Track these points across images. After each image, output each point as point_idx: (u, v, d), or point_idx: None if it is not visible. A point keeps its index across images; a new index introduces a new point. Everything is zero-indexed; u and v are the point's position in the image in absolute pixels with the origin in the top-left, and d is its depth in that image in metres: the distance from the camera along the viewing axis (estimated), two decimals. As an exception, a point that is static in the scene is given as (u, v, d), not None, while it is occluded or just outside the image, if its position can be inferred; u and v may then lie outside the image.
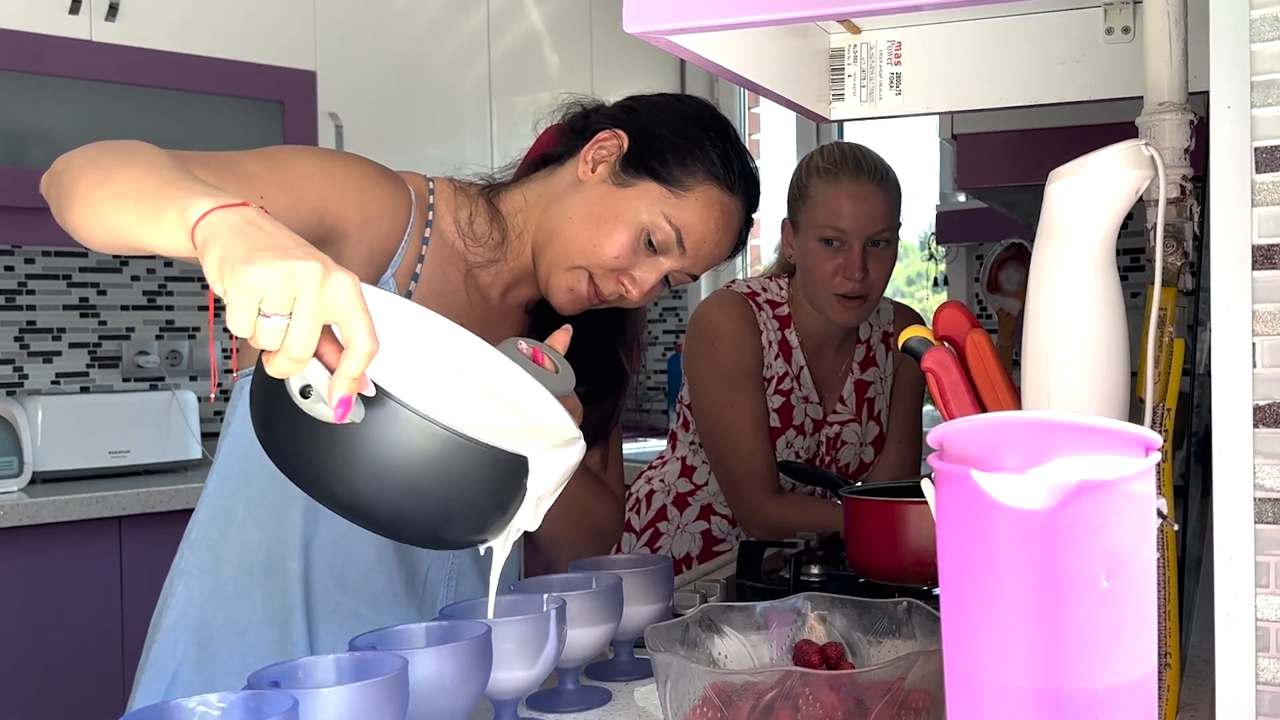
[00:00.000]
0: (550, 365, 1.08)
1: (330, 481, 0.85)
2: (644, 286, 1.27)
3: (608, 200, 1.26)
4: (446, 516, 0.87)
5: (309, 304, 0.78)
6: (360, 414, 0.81)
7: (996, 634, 0.62)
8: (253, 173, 1.14)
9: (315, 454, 0.84)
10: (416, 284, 1.27)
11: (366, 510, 0.86)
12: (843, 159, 1.97)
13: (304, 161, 1.19)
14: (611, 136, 1.28)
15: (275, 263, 0.78)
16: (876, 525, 1.43)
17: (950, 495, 0.64)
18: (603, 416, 1.37)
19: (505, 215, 1.31)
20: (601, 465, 1.43)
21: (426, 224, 1.29)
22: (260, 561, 1.25)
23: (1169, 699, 0.88)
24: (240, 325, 0.78)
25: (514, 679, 0.96)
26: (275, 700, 0.76)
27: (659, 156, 1.26)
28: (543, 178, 1.32)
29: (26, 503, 2.43)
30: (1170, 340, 0.88)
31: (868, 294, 1.95)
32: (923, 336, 0.94)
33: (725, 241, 1.31)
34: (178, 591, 1.28)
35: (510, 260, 1.32)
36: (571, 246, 1.26)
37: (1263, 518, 0.76)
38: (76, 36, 2.66)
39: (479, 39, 3.40)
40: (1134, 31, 1.21)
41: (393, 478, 0.83)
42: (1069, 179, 0.82)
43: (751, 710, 0.86)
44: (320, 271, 0.78)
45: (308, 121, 2.97)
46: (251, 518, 1.26)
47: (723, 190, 1.28)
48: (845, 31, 1.35)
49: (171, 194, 0.88)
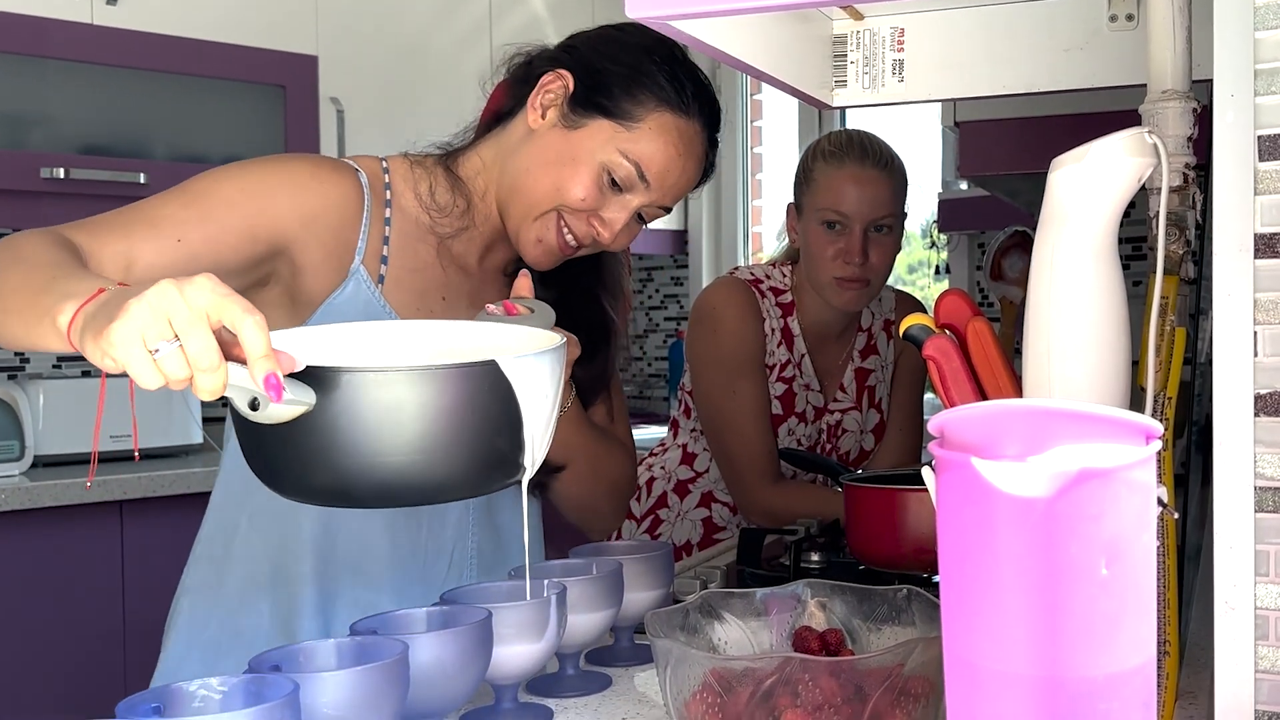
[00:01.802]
0: (523, 309, 1.07)
1: (324, 477, 0.83)
2: (614, 226, 1.24)
3: (562, 145, 1.23)
4: (454, 456, 0.84)
5: (182, 315, 0.77)
6: (310, 397, 0.79)
7: (996, 621, 0.62)
8: (165, 216, 1.13)
9: (298, 459, 0.82)
10: (387, 266, 1.25)
11: (362, 489, 0.83)
12: (849, 143, 1.97)
13: (222, 187, 1.17)
14: (555, 79, 1.24)
15: (131, 306, 0.77)
16: (877, 512, 1.43)
17: (950, 482, 0.64)
18: (598, 370, 1.36)
19: (465, 180, 1.29)
20: (608, 419, 1.42)
21: (386, 204, 1.27)
22: (266, 571, 1.25)
23: (1168, 687, 0.88)
24: (145, 376, 0.77)
25: (515, 664, 0.96)
26: (276, 684, 0.77)
27: (605, 91, 1.23)
28: (496, 135, 1.30)
29: (28, 486, 2.44)
30: (1172, 329, 0.88)
31: (868, 279, 1.95)
32: (924, 324, 0.94)
33: (690, 168, 1.26)
34: (183, 609, 1.28)
35: (480, 225, 1.30)
36: (535, 196, 1.24)
37: (1263, 506, 0.76)
38: (77, 19, 2.65)
39: (481, 23, 3.39)
40: (1138, 19, 1.21)
41: (382, 443, 0.81)
42: (1071, 167, 0.82)
43: (751, 696, 0.86)
44: (172, 286, 0.77)
45: (309, 106, 2.97)
46: (255, 529, 1.25)
47: (677, 115, 1.23)
48: (848, 17, 1.34)
49: (44, 303, 0.88)
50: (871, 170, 1.94)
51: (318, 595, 1.25)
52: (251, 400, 0.79)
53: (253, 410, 0.79)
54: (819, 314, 2.04)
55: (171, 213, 1.13)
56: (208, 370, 0.77)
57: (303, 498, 0.87)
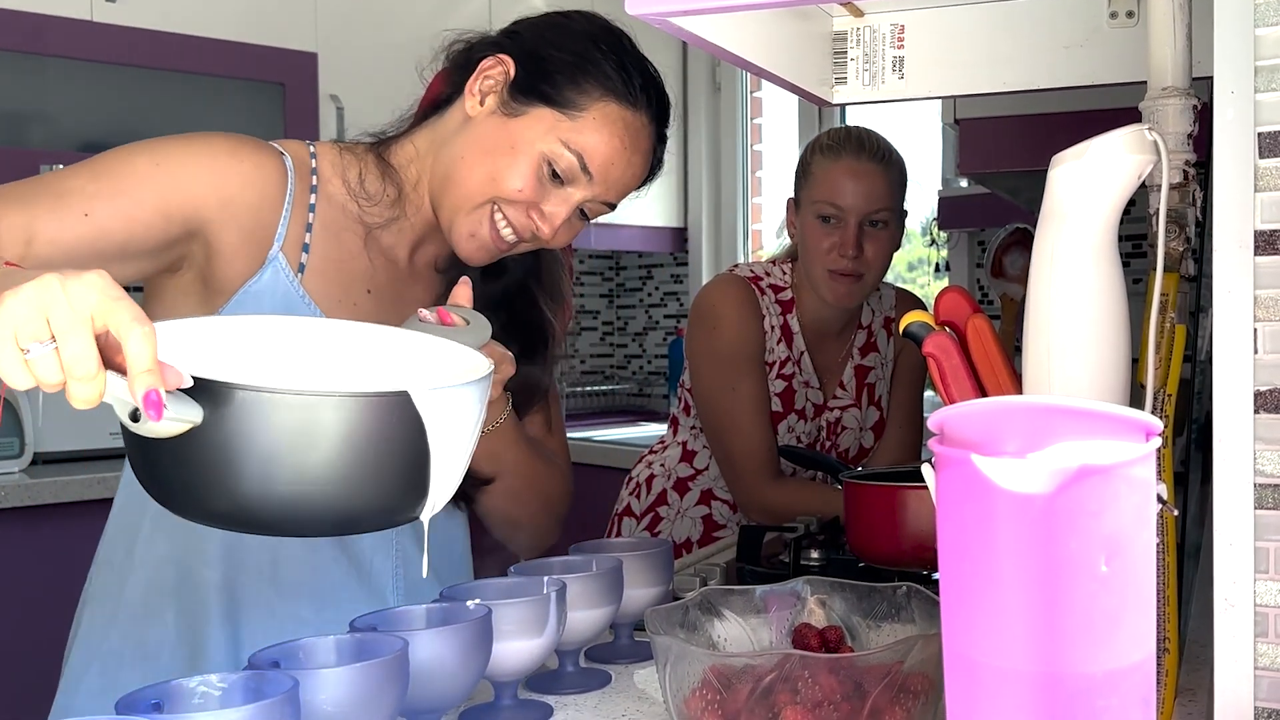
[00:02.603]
0: (459, 320, 1.00)
1: (211, 498, 0.76)
2: (555, 221, 1.18)
3: (500, 132, 1.17)
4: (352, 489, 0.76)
5: (62, 315, 0.70)
6: (195, 414, 0.73)
7: (996, 618, 0.62)
8: (72, 189, 1.06)
9: (183, 475, 0.75)
10: (308, 255, 1.18)
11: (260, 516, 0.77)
12: (846, 137, 1.98)
13: (136, 161, 1.10)
14: (496, 64, 1.19)
15: (7, 298, 0.70)
16: (876, 510, 1.43)
17: (950, 479, 0.64)
18: (534, 374, 1.29)
19: (398, 168, 1.23)
20: (545, 430, 1.36)
21: (311, 190, 1.20)
22: (170, 576, 1.17)
23: (1167, 684, 0.88)
24: (14, 376, 0.71)
25: (514, 660, 0.96)
26: (275, 681, 0.77)
27: (548, 78, 1.17)
28: (432, 122, 1.24)
29: (28, 483, 2.44)
30: (1172, 326, 0.88)
31: (861, 273, 1.95)
32: (924, 321, 0.94)
33: (636, 161, 1.20)
34: (84, 619, 1.21)
35: (411, 215, 1.23)
36: (470, 187, 1.17)
37: (1263, 503, 0.76)
38: (77, 17, 2.65)
39: (480, 21, 3.38)
40: (1138, 16, 1.21)
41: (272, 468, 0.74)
42: (1071, 164, 0.82)
43: (750, 693, 0.86)
44: (57, 280, 0.71)
45: (309, 103, 2.97)
46: (159, 530, 1.18)
47: (623, 106, 1.18)
48: (848, 14, 1.34)
49: None
50: (867, 163, 1.94)
51: (227, 602, 1.17)
52: (133, 411, 0.73)
53: (133, 421, 0.73)
54: (818, 311, 2.03)
55: (80, 185, 1.06)
56: (83, 379, 0.70)
57: (197, 519, 0.80)
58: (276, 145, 1.20)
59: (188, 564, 1.17)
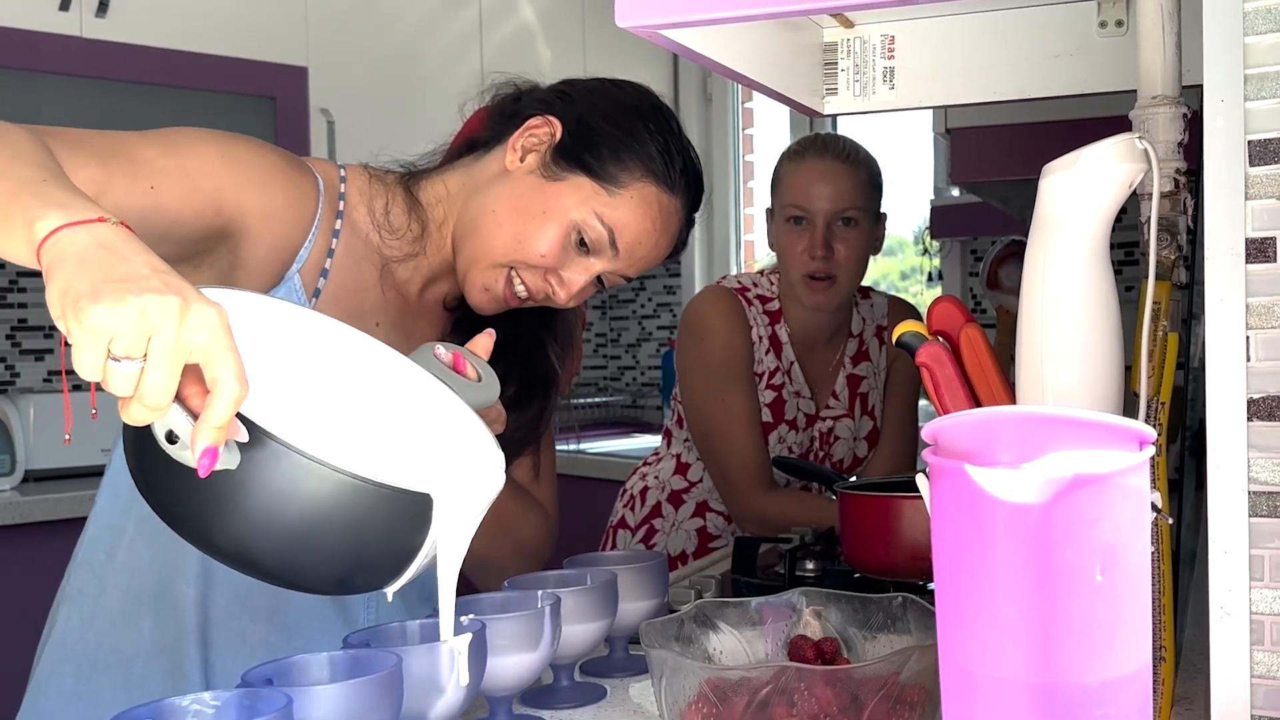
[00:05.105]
0: (473, 373, 0.98)
1: (211, 531, 0.76)
2: (572, 288, 1.18)
3: (536, 194, 1.16)
4: (344, 563, 0.79)
5: (165, 345, 0.69)
6: (234, 461, 0.72)
7: (991, 628, 0.62)
8: (145, 158, 1.03)
9: (193, 502, 0.75)
10: (326, 280, 1.16)
11: (254, 560, 0.77)
12: (811, 141, 2.01)
13: (204, 146, 1.08)
14: (543, 124, 1.18)
15: (125, 298, 0.68)
16: (871, 520, 1.43)
17: (945, 490, 0.64)
18: (530, 422, 1.27)
19: (425, 205, 1.21)
20: (532, 477, 1.33)
21: (337, 215, 1.18)
22: (150, 585, 1.15)
23: (1164, 692, 0.88)
24: (88, 368, 0.69)
25: (509, 675, 0.96)
26: (269, 698, 0.76)
27: (593, 149, 1.16)
28: (467, 165, 1.22)
29: (19, 501, 2.43)
30: (1164, 334, 0.88)
31: (834, 274, 1.95)
32: (917, 331, 0.94)
33: (663, 243, 1.21)
34: (59, 619, 1.18)
35: (430, 254, 1.22)
36: (494, 242, 1.16)
37: (1257, 511, 0.76)
38: (67, 33, 2.65)
39: (471, 34, 3.39)
40: (1127, 25, 1.21)
41: (279, 525, 0.75)
42: (1062, 173, 0.82)
43: (747, 706, 0.86)
44: (178, 306, 0.69)
45: (299, 117, 2.97)
46: (141, 536, 1.16)
47: (661, 189, 1.18)
48: (838, 25, 1.35)
49: (22, 202, 0.77)
50: (831, 163, 1.95)
51: (201, 621, 1.15)
52: (169, 433, 0.72)
53: (169, 443, 0.72)
54: (806, 320, 2.04)
55: (152, 157, 1.04)
56: (150, 409, 0.69)
57: (172, 527, 0.79)
58: (310, 164, 1.20)
59: (168, 576, 1.15)
